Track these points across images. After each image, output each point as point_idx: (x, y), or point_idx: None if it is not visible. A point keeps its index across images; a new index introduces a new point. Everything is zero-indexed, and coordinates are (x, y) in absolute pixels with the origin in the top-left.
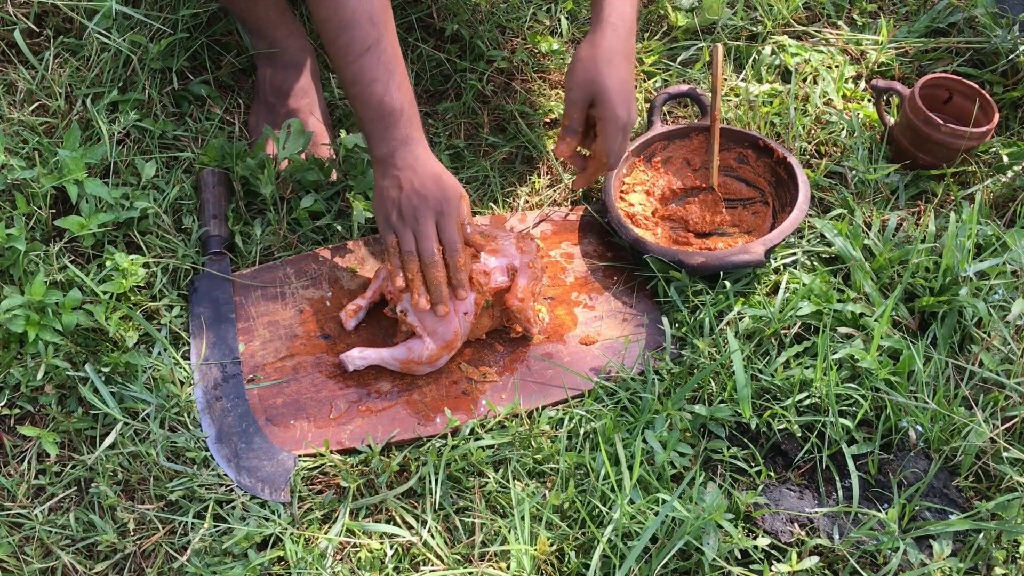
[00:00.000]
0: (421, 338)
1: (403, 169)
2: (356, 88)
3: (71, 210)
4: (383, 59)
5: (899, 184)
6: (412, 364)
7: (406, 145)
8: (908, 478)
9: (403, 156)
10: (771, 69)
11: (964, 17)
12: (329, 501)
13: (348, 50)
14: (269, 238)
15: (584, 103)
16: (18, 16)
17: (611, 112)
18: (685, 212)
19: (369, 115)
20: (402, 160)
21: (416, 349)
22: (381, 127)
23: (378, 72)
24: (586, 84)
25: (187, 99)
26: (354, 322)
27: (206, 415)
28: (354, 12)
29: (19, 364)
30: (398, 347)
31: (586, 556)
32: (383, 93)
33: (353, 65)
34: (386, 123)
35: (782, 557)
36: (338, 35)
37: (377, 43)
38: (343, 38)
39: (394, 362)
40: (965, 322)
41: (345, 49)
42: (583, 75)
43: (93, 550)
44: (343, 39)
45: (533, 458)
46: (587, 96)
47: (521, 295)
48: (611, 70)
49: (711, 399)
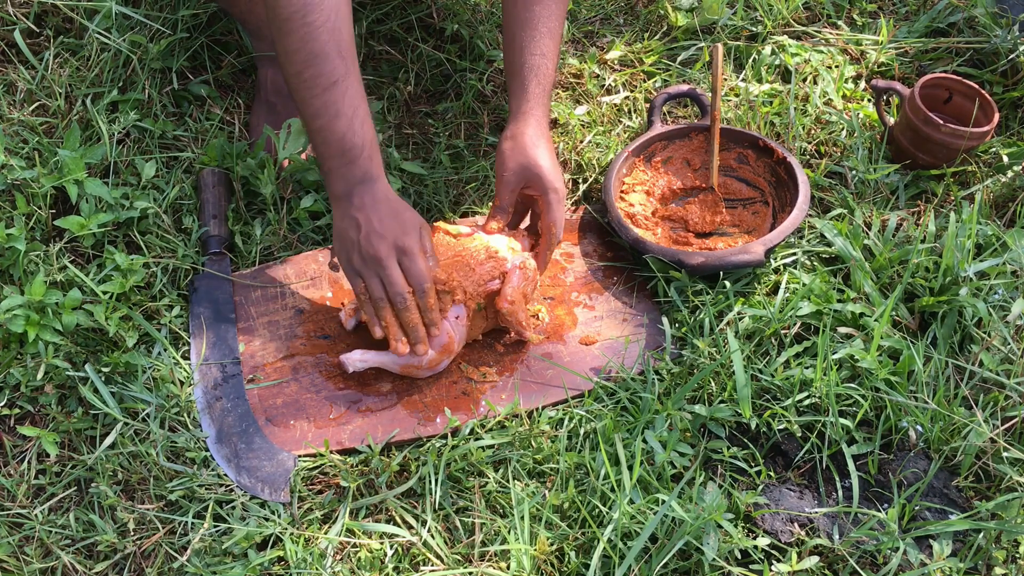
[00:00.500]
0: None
1: (360, 209)
2: (319, 122)
3: (71, 210)
4: (348, 94)
5: (899, 184)
6: (412, 368)
7: (363, 183)
8: (908, 478)
9: (360, 194)
10: (771, 69)
11: (964, 17)
12: (329, 501)
13: (315, 83)
14: (269, 238)
15: (518, 185)
16: (18, 16)
17: (551, 186)
18: (685, 212)
19: (330, 151)
20: (359, 199)
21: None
22: (340, 163)
23: (343, 107)
24: (520, 168)
25: (187, 99)
26: (354, 321)
27: (206, 415)
28: (324, 45)
29: (19, 364)
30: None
31: (586, 556)
32: (346, 129)
33: (319, 99)
34: (346, 159)
35: (782, 557)
36: (305, 67)
37: (344, 77)
38: (310, 71)
39: (394, 365)
40: (965, 322)
41: (312, 82)
42: (516, 160)
43: (93, 550)
44: (310, 72)
45: (533, 458)
46: (521, 179)
47: (511, 298)
48: (539, 152)
49: (711, 399)
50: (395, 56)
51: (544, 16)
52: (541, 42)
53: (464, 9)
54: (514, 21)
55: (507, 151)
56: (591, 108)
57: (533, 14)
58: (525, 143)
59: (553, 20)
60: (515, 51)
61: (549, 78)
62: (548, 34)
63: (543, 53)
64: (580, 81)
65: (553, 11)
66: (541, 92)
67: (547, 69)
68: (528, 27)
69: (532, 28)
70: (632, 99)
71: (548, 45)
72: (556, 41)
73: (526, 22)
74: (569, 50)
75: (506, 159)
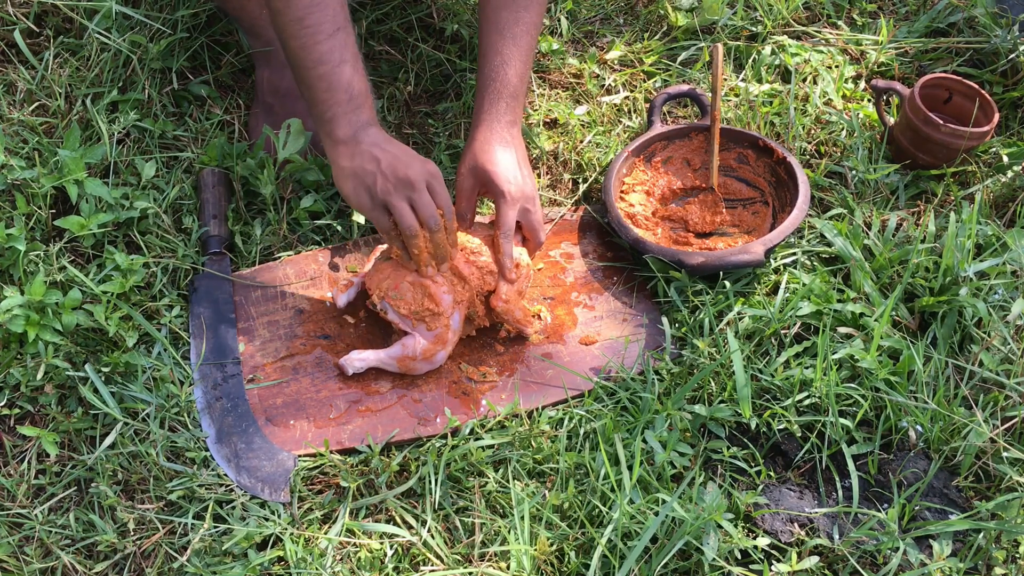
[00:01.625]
0: (411, 333)
1: (373, 144)
2: (323, 68)
3: (71, 210)
4: (349, 42)
5: (899, 184)
6: (408, 361)
7: (370, 126)
8: (908, 478)
9: (368, 134)
10: (771, 69)
11: (964, 17)
12: (329, 501)
13: (318, 29)
14: (269, 238)
15: (472, 190)
16: (18, 16)
17: (503, 188)
18: (685, 212)
19: (335, 97)
20: (369, 138)
21: (410, 345)
22: (348, 108)
23: (346, 54)
24: (468, 171)
25: (187, 99)
26: (345, 298)
27: (206, 415)
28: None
29: (19, 364)
30: (393, 346)
31: (586, 556)
32: (352, 74)
33: (322, 45)
34: (354, 104)
35: (782, 557)
36: (308, 13)
37: (344, 25)
38: (313, 16)
39: (391, 361)
40: (965, 322)
41: (315, 28)
42: (466, 164)
43: (93, 550)
44: (313, 18)
45: (533, 458)
46: (474, 182)
47: (505, 296)
48: (490, 156)
49: (711, 399)
50: (395, 56)
51: (509, 21)
52: (504, 48)
53: (464, 9)
54: (481, 27)
55: (462, 156)
56: (591, 108)
57: (499, 18)
58: (474, 147)
59: (518, 25)
60: (480, 57)
61: (508, 83)
62: (512, 40)
63: (504, 60)
64: (580, 81)
65: (521, 17)
66: (496, 97)
67: (505, 75)
68: (492, 32)
69: (495, 33)
70: (632, 99)
71: (511, 51)
72: (521, 47)
73: (490, 28)
74: (569, 50)
75: (462, 165)
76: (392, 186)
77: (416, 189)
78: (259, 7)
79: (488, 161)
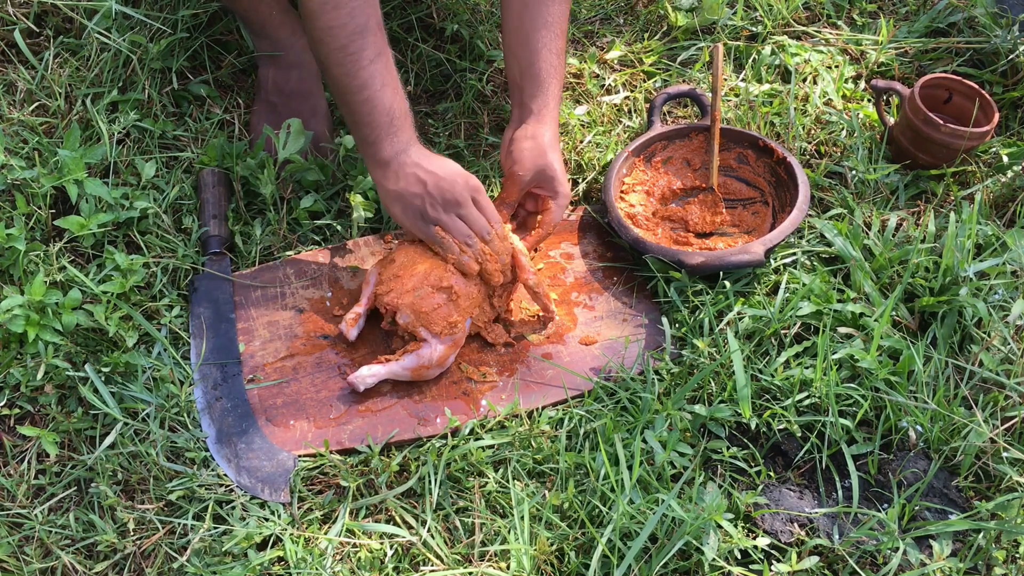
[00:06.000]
0: (428, 342)
1: (416, 165)
2: (367, 93)
3: (71, 210)
4: (389, 66)
5: (899, 184)
6: (423, 370)
7: (410, 146)
8: (908, 478)
9: (409, 155)
10: (771, 69)
11: (964, 17)
12: (329, 501)
13: (360, 55)
14: (269, 238)
15: (530, 185)
16: (18, 16)
17: (562, 190)
18: (685, 212)
19: (378, 120)
20: (411, 159)
21: (426, 354)
22: (389, 131)
23: (387, 77)
24: (537, 169)
25: (187, 99)
26: (355, 331)
27: (206, 415)
28: (368, 19)
29: (19, 364)
30: (407, 357)
31: (586, 556)
32: (393, 98)
33: (366, 70)
34: (395, 126)
35: (782, 557)
36: (351, 40)
37: (384, 50)
38: (356, 43)
39: (404, 372)
40: (965, 322)
41: (358, 55)
42: (535, 161)
43: (93, 550)
44: (356, 44)
45: (533, 458)
46: (535, 180)
47: (533, 270)
48: (555, 155)
49: (711, 399)
50: (395, 56)
51: (560, 17)
52: (557, 43)
53: (464, 9)
54: (528, 21)
55: (526, 150)
56: (591, 108)
57: (551, 14)
58: (544, 145)
59: (566, 22)
60: (531, 51)
61: (561, 80)
62: (563, 35)
63: (559, 54)
64: (580, 81)
65: (565, 13)
66: (559, 93)
67: (563, 71)
68: (545, 28)
69: (548, 28)
70: (632, 99)
71: (562, 47)
72: (565, 42)
73: (544, 23)
74: (569, 50)
75: (524, 158)
76: (441, 207)
77: (464, 206)
78: (270, 8)
79: (555, 160)
